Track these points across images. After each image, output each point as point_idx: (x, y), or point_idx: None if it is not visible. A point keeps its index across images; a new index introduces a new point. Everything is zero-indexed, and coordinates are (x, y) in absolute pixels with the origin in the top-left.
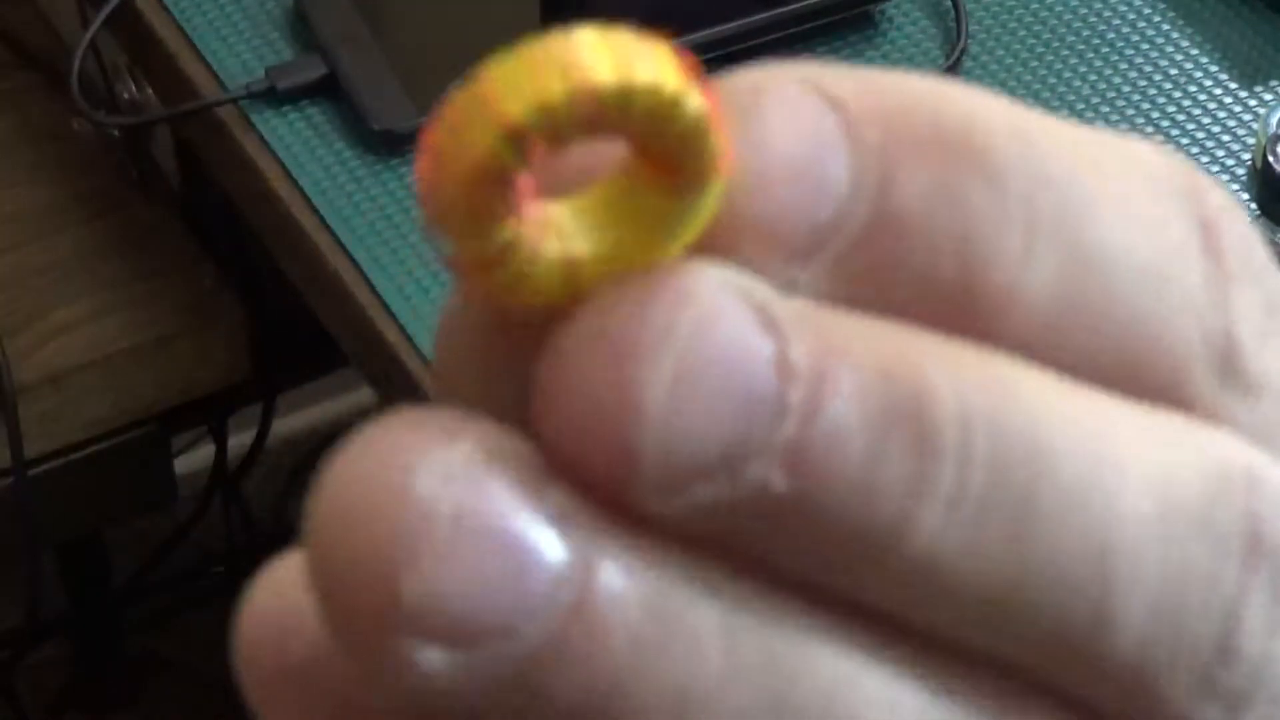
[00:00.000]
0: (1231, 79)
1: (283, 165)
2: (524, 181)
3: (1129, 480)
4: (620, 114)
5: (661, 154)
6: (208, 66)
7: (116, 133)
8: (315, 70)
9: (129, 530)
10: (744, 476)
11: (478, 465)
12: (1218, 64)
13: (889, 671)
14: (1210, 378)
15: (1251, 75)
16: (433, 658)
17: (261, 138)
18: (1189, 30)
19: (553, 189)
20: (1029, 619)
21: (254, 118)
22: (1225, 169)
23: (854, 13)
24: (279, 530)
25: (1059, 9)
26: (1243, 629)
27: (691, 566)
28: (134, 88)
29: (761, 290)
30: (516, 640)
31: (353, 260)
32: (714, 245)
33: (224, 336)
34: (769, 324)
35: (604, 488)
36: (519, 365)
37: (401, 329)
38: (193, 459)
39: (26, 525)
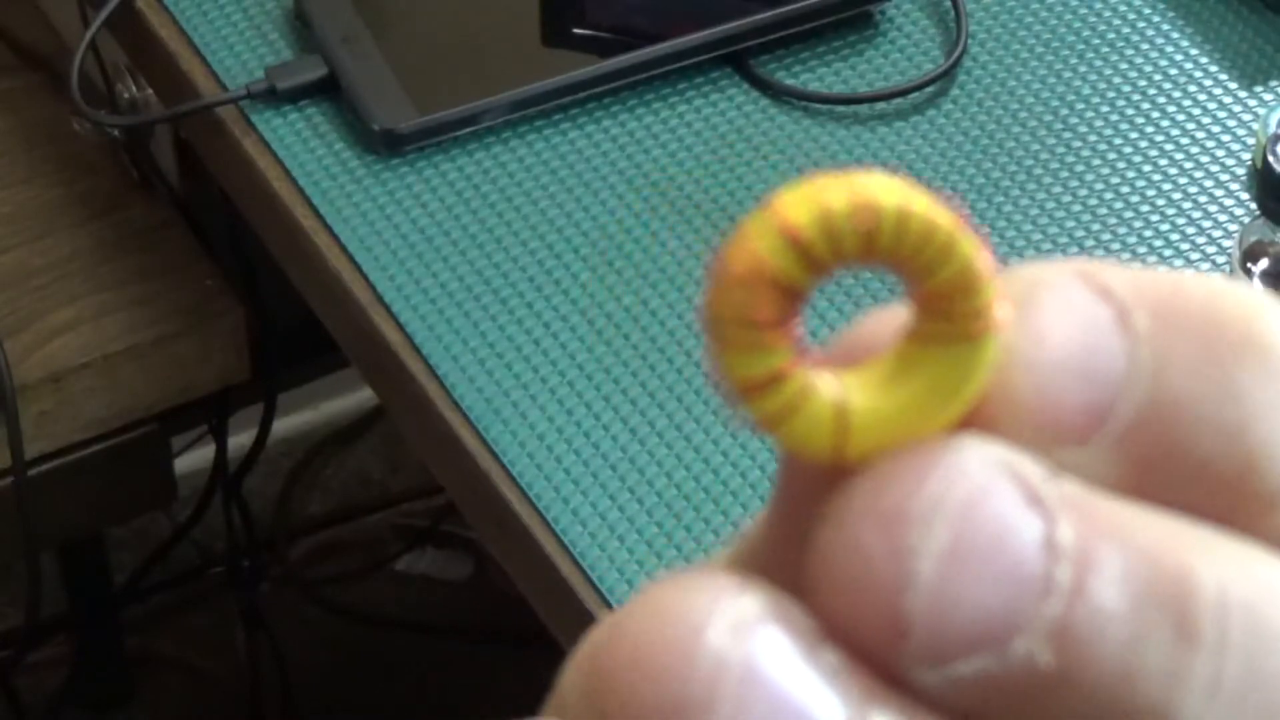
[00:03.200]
0: (1231, 79)
1: (283, 165)
2: (800, 321)
3: None
4: (896, 238)
5: (935, 297)
6: (208, 66)
7: (116, 133)
8: (315, 70)
9: (129, 530)
10: (1010, 652)
11: (763, 622)
12: (1218, 64)
13: None
14: None
15: (1251, 75)
16: None
17: (261, 138)
18: (1189, 30)
19: (837, 367)
20: None
21: (254, 118)
22: (1225, 169)
23: (854, 13)
24: (279, 530)
25: (1059, 9)
26: None
27: None
28: (134, 88)
29: (1032, 470)
30: None
31: (353, 260)
32: (991, 424)
33: (224, 336)
34: (1036, 503)
35: (873, 653)
36: (797, 531)
37: (401, 329)
38: (193, 459)
39: (26, 525)
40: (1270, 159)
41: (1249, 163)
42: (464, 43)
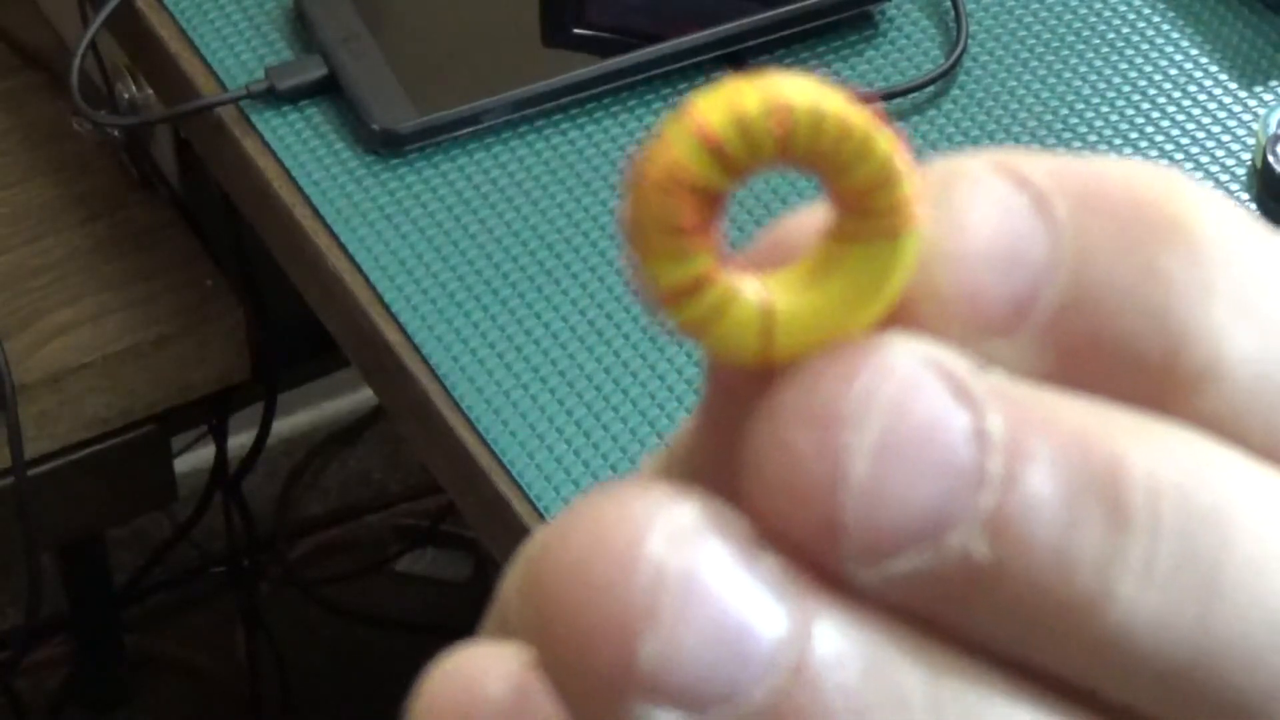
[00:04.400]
0: (1231, 79)
1: (283, 165)
2: (720, 226)
3: None
4: (812, 138)
5: (854, 195)
6: (208, 66)
7: (116, 133)
8: (315, 70)
9: (129, 530)
10: (945, 546)
11: (700, 530)
12: (1218, 64)
13: None
14: None
15: (1251, 75)
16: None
17: (261, 138)
18: (1189, 30)
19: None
20: (1209, 691)
21: (254, 118)
22: (1225, 169)
23: (854, 13)
24: (279, 530)
25: (1059, 9)
26: None
27: (894, 630)
28: (134, 88)
29: (957, 363)
30: (743, 701)
31: (353, 260)
32: (916, 320)
33: (224, 336)
34: (965, 396)
35: (810, 554)
36: (726, 437)
37: (401, 329)
38: (193, 459)
39: (26, 525)
40: (1270, 159)
41: (1249, 163)
42: (464, 43)
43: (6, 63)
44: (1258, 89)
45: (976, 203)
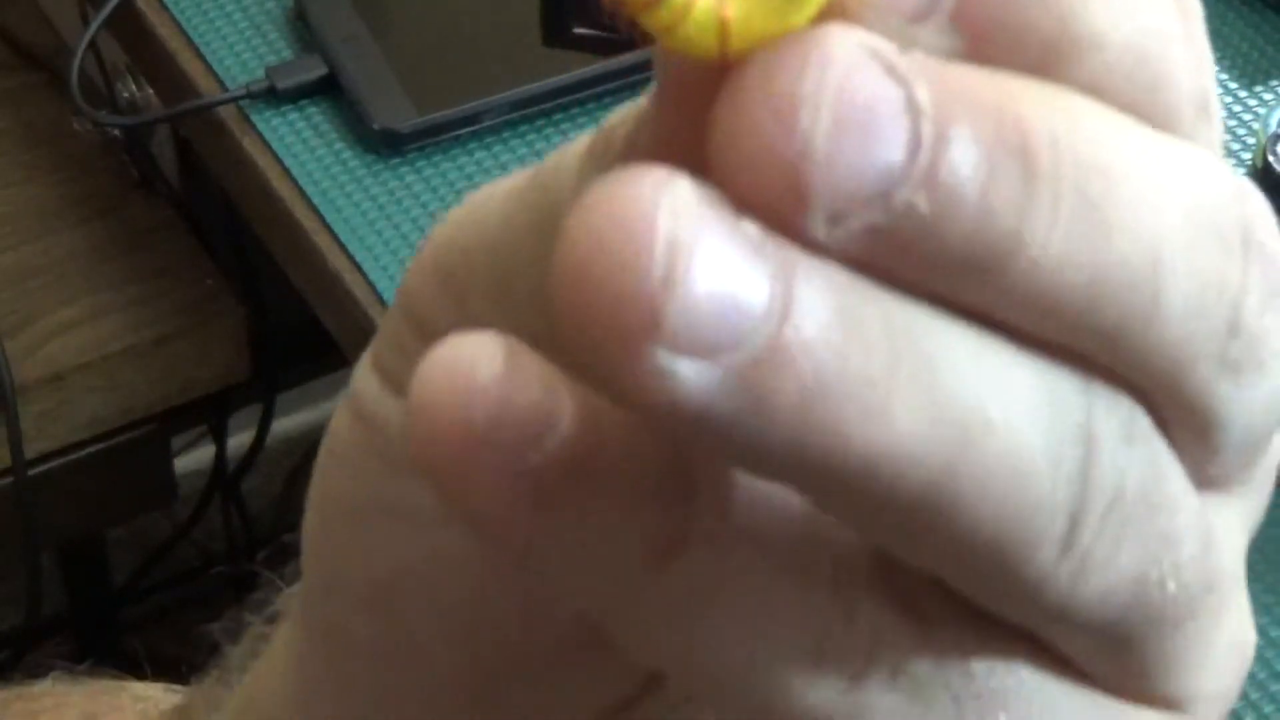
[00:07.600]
0: (1231, 79)
1: (283, 165)
2: None
3: (1170, 196)
4: None
5: None
6: (208, 66)
7: (116, 133)
8: (315, 70)
9: (129, 530)
10: (893, 201)
11: (698, 203)
12: (1218, 64)
13: (1002, 356)
14: (1191, 113)
15: (1251, 75)
16: (684, 368)
17: (261, 138)
18: None
19: None
20: (1102, 316)
21: (254, 118)
22: None
23: None
24: (278, 530)
25: None
26: (1245, 309)
27: (854, 280)
28: (134, 88)
29: (886, 47)
30: (746, 346)
31: (353, 260)
32: (845, 14)
33: (224, 336)
34: (894, 73)
35: (778, 219)
36: (676, 125)
37: None
38: (193, 459)
39: (27, 525)
40: (1270, 159)
41: (1249, 162)
42: (464, 43)
43: (6, 63)
44: (1258, 89)
45: None
